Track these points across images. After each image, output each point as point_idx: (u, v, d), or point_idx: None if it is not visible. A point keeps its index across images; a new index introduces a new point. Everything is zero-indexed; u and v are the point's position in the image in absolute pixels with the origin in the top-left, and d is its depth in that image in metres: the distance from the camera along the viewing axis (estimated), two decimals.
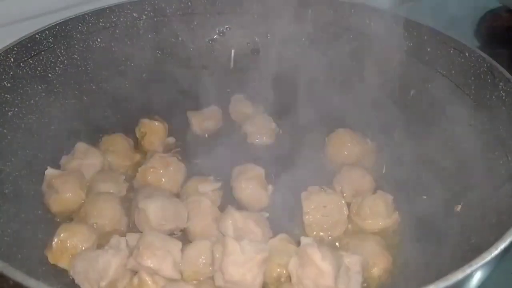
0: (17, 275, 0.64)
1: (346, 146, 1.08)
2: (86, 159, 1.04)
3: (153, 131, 1.14)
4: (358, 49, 1.18)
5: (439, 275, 0.66)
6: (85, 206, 0.97)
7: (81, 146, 1.06)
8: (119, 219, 0.96)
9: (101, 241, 0.91)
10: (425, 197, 0.99)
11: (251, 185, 1.00)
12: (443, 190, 0.96)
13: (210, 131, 1.22)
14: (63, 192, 0.96)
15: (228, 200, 1.01)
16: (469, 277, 0.66)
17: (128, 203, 1.00)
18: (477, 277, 0.68)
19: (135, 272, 0.85)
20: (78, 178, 0.99)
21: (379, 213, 0.95)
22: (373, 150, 1.11)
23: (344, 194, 1.01)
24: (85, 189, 1.00)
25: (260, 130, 1.19)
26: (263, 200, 1.01)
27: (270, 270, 0.84)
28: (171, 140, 1.17)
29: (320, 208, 0.95)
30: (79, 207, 0.97)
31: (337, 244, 0.94)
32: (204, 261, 0.86)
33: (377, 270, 0.87)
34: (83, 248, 0.89)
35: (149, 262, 0.82)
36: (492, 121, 0.94)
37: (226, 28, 1.30)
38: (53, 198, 0.97)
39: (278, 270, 0.85)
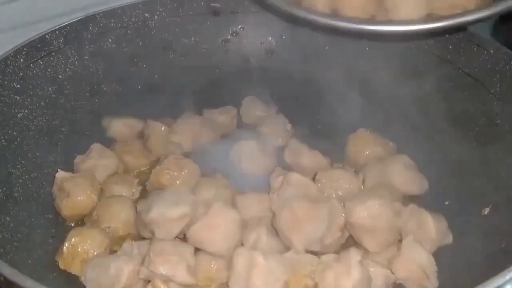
0: (28, 283, 0.62)
1: (368, 146, 1.05)
2: (101, 159, 1.03)
3: (157, 133, 1.11)
4: (376, 48, 1.15)
5: (471, 280, 0.64)
6: (98, 209, 0.94)
7: (97, 147, 1.05)
8: (132, 222, 0.93)
9: (114, 246, 0.89)
10: (450, 200, 0.96)
11: None
12: (470, 192, 0.93)
13: (224, 130, 1.18)
14: (74, 195, 0.94)
15: None
16: (507, 283, 0.63)
17: None
18: None
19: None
20: (90, 180, 0.97)
21: None
22: (395, 151, 1.07)
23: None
24: (98, 192, 0.97)
25: (275, 131, 1.16)
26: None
27: (297, 282, 0.80)
28: (179, 142, 1.13)
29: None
30: (91, 211, 0.95)
31: None
32: (215, 267, 0.84)
33: None
34: (95, 253, 0.86)
35: (162, 270, 0.79)
36: None
37: (240, 28, 1.27)
38: (64, 201, 0.94)
39: (304, 281, 0.81)
